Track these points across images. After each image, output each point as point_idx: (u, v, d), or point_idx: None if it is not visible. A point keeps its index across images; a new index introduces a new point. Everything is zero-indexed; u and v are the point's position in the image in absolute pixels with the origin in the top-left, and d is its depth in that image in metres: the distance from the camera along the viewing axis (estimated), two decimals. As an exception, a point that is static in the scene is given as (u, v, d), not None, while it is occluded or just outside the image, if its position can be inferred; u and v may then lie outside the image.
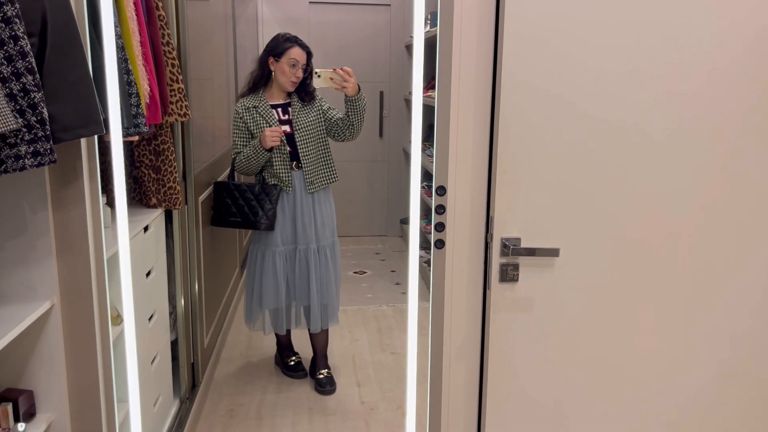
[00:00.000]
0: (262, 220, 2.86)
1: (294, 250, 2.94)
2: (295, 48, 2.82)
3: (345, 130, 2.85)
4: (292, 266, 2.95)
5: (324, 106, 2.92)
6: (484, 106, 1.60)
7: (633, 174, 1.61)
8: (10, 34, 1.17)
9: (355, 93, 2.73)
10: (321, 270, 2.95)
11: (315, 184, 2.89)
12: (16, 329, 1.35)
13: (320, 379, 3.09)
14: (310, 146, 2.87)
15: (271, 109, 2.86)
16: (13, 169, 1.19)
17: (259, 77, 2.90)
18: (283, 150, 2.84)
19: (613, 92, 1.56)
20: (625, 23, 1.53)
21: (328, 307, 3.03)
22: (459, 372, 1.73)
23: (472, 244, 1.66)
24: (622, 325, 1.68)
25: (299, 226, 2.91)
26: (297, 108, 2.87)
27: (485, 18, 1.56)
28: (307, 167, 2.87)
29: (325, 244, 2.96)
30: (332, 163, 2.96)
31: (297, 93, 2.89)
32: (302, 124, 2.85)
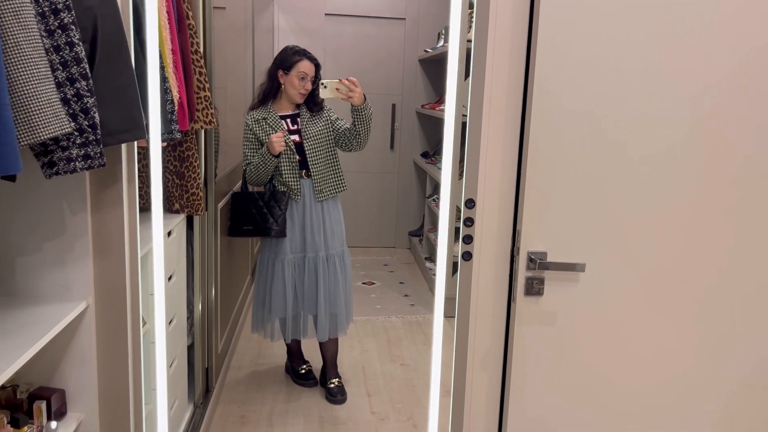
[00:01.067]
0: (273, 226, 2.89)
1: (303, 259, 2.96)
2: (304, 61, 2.87)
3: (352, 140, 2.89)
4: (301, 275, 2.97)
5: (332, 116, 2.97)
6: (514, 122, 1.63)
7: (661, 191, 1.64)
8: (66, 41, 1.21)
9: (361, 103, 2.76)
10: (330, 278, 2.97)
11: (324, 192, 2.93)
12: (54, 329, 1.37)
13: (331, 388, 3.11)
14: (319, 155, 2.90)
15: (280, 119, 2.90)
16: (65, 171, 1.22)
17: (268, 90, 2.94)
18: (292, 158, 2.88)
19: (642, 110, 1.59)
20: (658, 44, 1.56)
21: (337, 316, 3.03)
22: (481, 383, 1.75)
23: (498, 257, 1.68)
24: (646, 342, 1.71)
25: (308, 235, 2.94)
26: (306, 118, 2.91)
27: (518, 34, 1.59)
28: (316, 176, 2.90)
29: (334, 253, 2.98)
30: (341, 172, 2.99)
31: (306, 104, 2.93)
32: (311, 134, 2.89)
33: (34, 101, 1.10)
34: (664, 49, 1.57)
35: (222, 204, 3.05)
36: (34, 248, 1.50)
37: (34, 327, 1.36)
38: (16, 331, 1.34)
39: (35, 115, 1.11)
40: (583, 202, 1.63)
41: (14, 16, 1.08)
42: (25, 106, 1.09)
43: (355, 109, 2.79)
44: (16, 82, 1.08)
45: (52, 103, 1.14)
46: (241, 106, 3.92)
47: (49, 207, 1.49)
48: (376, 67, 5.62)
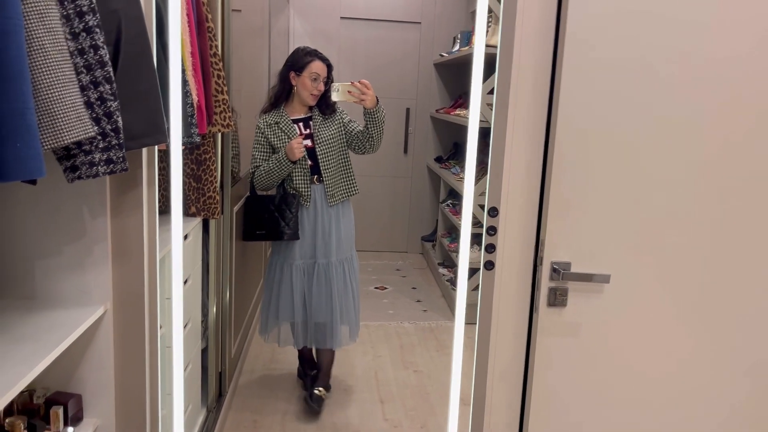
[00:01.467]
0: (285, 230, 2.85)
1: (313, 265, 2.91)
2: (316, 61, 2.82)
3: (365, 143, 2.84)
4: (310, 281, 2.92)
5: (345, 119, 2.91)
6: (539, 128, 1.61)
7: (688, 201, 1.60)
8: (91, 44, 1.19)
9: (374, 105, 2.71)
10: (339, 285, 2.92)
11: (336, 196, 2.88)
12: (72, 335, 1.36)
13: (314, 394, 3.01)
14: (331, 159, 2.86)
15: (293, 123, 2.86)
16: (87, 175, 1.21)
17: (280, 92, 2.90)
18: (303, 164, 2.84)
19: (671, 118, 1.56)
20: (689, 50, 1.53)
21: (347, 325, 2.98)
22: (501, 395, 1.73)
23: (521, 266, 1.66)
24: (671, 355, 1.67)
25: (319, 240, 2.89)
26: (318, 122, 2.86)
27: (544, 39, 1.57)
28: (328, 180, 2.86)
29: (342, 258, 2.93)
30: (353, 176, 2.95)
31: (318, 106, 2.88)
32: (323, 138, 2.85)
33: (59, 105, 1.09)
34: (696, 55, 1.54)
35: (237, 207, 3.03)
36: (54, 251, 1.49)
37: (52, 332, 1.35)
38: (35, 335, 1.33)
39: (59, 118, 1.09)
40: (609, 211, 1.60)
41: (40, 19, 1.07)
42: (49, 109, 1.08)
43: (367, 112, 2.74)
44: (41, 86, 1.07)
45: (76, 107, 1.13)
46: (256, 109, 3.91)
47: (69, 210, 1.48)
48: (391, 70, 5.60)
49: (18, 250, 1.49)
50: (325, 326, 2.94)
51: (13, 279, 1.51)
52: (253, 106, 3.76)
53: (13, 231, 1.49)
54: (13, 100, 0.98)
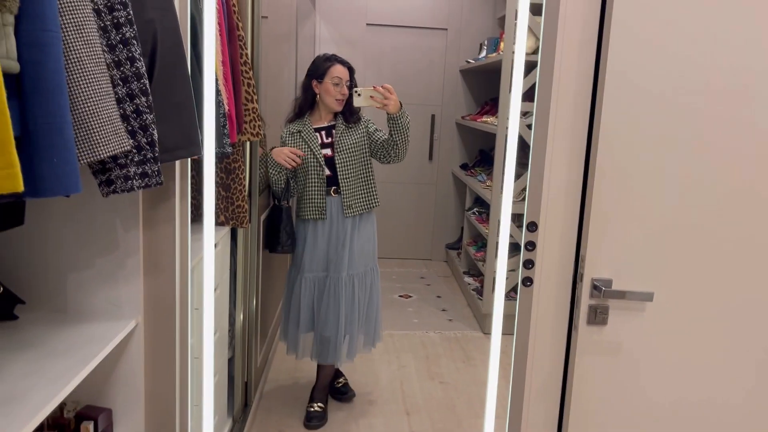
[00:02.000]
0: (277, 247, 2.85)
1: (324, 278, 2.85)
2: (337, 66, 2.77)
3: (390, 151, 2.76)
4: (320, 294, 2.86)
5: (371, 127, 2.85)
6: (580, 142, 1.56)
7: (733, 217, 1.54)
8: (128, 56, 1.17)
9: (397, 110, 2.63)
10: (347, 301, 2.84)
11: (353, 208, 2.80)
12: (104, 351, 1.34)
13: (311, 411, 2.96)
14: (350, 169, 2.79)
15: (315, 132, 2.81)
16: (122, 189, 1.19)
17: (303, 102, 2.86)
18: (320, 175, 2.78)
19: (717, 132, 1.51)
20: (737, 62, 1.48)
21: (348, 342, 2.91)
22: (538, 413, 1.68)
23: (560, 283, 1.61)
24: (715, 377, 1.61)
25: (332, 253, 2.82)
26: (341, 130, 2.80)
27: (586, 49, 1.52)
28: (345, 191, 2.78)
29: (354, 273, 2.84)
30: (374, 187, 2.86)
31: (342, 114, 2.82)
32: (344, 147, 2.78)
33: (95, 118, 1.07)
34: (743, 67, 1.48)
35: (264, 216, 3.02)
36: (87, 265, 1.48)
37: (84, 347, 1.33)
38: (67, 351, 1.31)
39: (95, 132, 1.07)
40: (652, 227, 1.55)
41: (77, 31, 1.05)
42: (85, 123, 1.06)
43: (391, 118, 2.67)
44: (78, 99, 1.05)
45: (113, 120, 1.11)
46: (282, 116, 3.89)
47: (102, 223, 1.46)
48: (417, 77, 5.57)
49: (51, 263, 1.48)
50: (329, 341, 2.88)
51: (46, 292, 1.49)
52: (279, 114, 3.75)
53: (46, 244, 1.47)
54: (51, 115, 0.97)
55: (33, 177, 0.97)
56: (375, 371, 3.54)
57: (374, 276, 2.95)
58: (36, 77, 0.95)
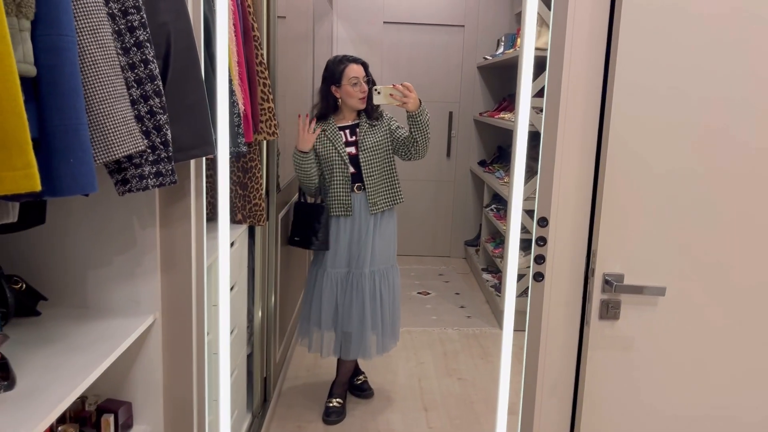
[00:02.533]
0: (313, 240, 2.86)
1: (347, 274, 2.89)
2: (351, 66, 2.79)
3: (410, 148, 2.80)
4: (342, 290, 2.89)
5: (393, 125, 2.88)
6: (590, 136, 1.56)
7: (746, 211, 1.53)
8: (141, 58, 1.21)
9: (416, 108, 2.66)
10: (369, 297, 2.87)
11: (378, 205, 2.84)
12: (122, 345, 1.38)
13: (330, 407, 3.00)
14: (374, 167, 2.83)
15: (339, 131, 2.84)
16: (137, 188, 1.22)
17: (325, 108, 2.87)
18: (345, 173, 2.82)
19: (728, 125, 1.50)
20: (748, 54, 1.47)
21: (373, 337, 2.93)
22: (551, 409, 1.68)
23: (571, 278, 1.61)
24: (729, 371, 1.60)
25: (354, 250, 2.86)
26: (364, 128, 2.84)
27: (596, 42, 1.52)
28: (370, 188, 2.82)
29: (375, 270, 2.88)
30: (398, 184, 2.90)
31: (365, 112, 2.85)
32: (368, 145, 2.82)
33: (110, 119, 1.10)
34: (758, 55, 1.47)
35: (282, 214, 3.05)
36: (105, 262, 1.52)
37: (103, 342, 1.37)
38: (90, 345, 1.35)
39: (110, 133, 1.11)
40: (663, 221, 1.54)
41: (92, 35, 1.09)
42: (100, 124, 1.10)
43: (410, 115, 2.70)
44: (93, 101, 1.08)
45: (127, 121, 1.14)
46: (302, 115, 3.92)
47: (120, 221, 1.50)
48: (434, 74, 5.57)
49: (71, 261, 1.53)
50: (351, 336, 2.91)
51: (67, 289, 1.54)
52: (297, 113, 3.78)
53: (66, 242, 1.52)
54: (67, 117, 1.00)
55: (50, 177, 1.00)
56: (393, 368, 3.56)
57: (395, 274, 2.99)
58: (52, 81, 0.99)
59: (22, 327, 1.43)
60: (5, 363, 1.15)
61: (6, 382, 1.14)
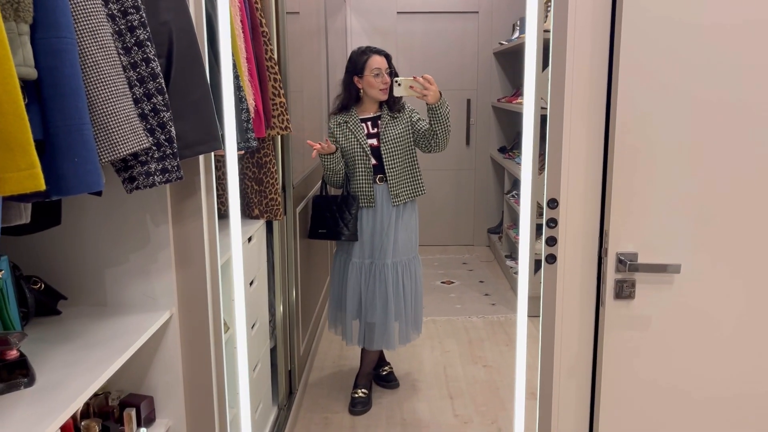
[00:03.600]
0: (344, 231, 2.88)
1: (370, 264, 2.92)
2: (374, 57, 2.82)
3: (431, 140, 2.81)
4: (366, 280, 2.93)
5: (414, 117, 2.90)
6: (598, 114, 1.54)
7: (760, 183, 1.50)
8: (143, 57, 1.23)
9: (436, 100, 2.67)
10: (392, 287, 2.90)
11: (400, 196, 2.87)
12: (139, 340, 1.40)
13: (355, 397, 3.03)
14: (396, 159, 2.85)
15: (361, 123, 2.87)
16: (144, 185, 1.24)
17: (347, 99, 2.90)
18: (367, 164, 2.84)
19: (740, 97, 1.47)
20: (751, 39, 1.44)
21: (395, 327, 2.96)
22: (569, 391, 1.67)
23: (584, 259, 1.60)
24: (747, 348, 1.58)
25: (377, 241, 2.89)
26: (386, 120, 2.86)
27: (600, 19, 1.50)
28: (392, 180, 2.84)
29: (398, 261, 2.90)
30: (419, 176, 2.92)
31: (386, 104, 2.87)
32: (389, 137, 2.84)
33: (113, 118, 1.13)
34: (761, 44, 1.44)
35: (300, 208, 3.08)
36: (121, 260, 1.55)
37: (122, 337, 1.40)
38: (108, 341, 1.39)
39: (114, 132, 1.13)
40: (676, 198, 1.52)
41: (92, 36, 1.11)
42: (104, 123, 1.12)
43: (430, 108, 2.71)
44: (96, 101, 1.11)
45: (131, 120, 1.16)
46: (317, 110, 3.95)
47: (134, 220, 1.53)
48: (450, 62, 5.54)
49: (88, 260, 1.56)
50: (374, 327, 2.94)
51: (85, 287, 1.57)
52: (314, 108, 3.80)
53: (82, 242, 1.55)
54: (69, 117, 1.02)
55: (56, 176, 1.03)
56: (418, 357, 3.57)
57: (417, 265, 3.01)
58: (53, 82, 1.01)
59: (43, 326, 1.47)
60: (24, 360, 1.18)
61: (26, 378, 1.18)
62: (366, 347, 3.03)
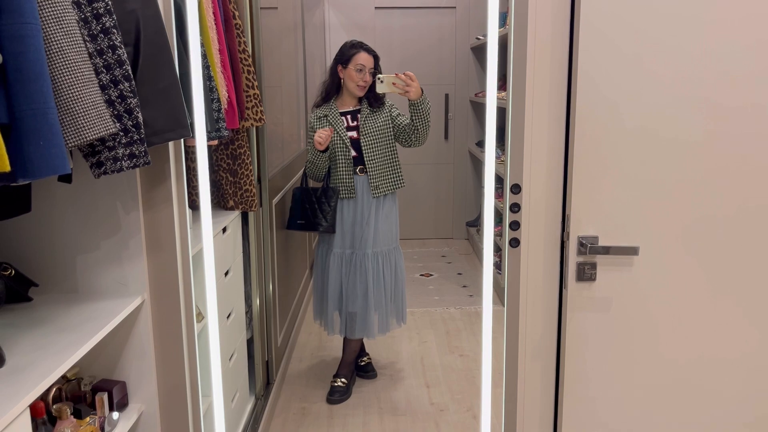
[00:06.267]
0: (321, 222, 2.92)
1: (351, 255, 2.97)
2: (361, 53, 2.87)
3: (411, 135, 2.87)
4: (347, 270, 2.97)
5: (394, 112, 2.96)
6: (559, 100, 1.59)
7: (716, 168, 1.56)
8: (109, 44, 1.25)
9: (418, 97, 2.74)
10: (372, 277, 2.95)
11: (380, 188, 2.92)
12: (112, 323, 1.43)
13: (335, 386, 3.07)
14: (375, 151, 2.90)
15: (341, 116, 2.92)
16: (112, 170, 1.26)
17: (330, 86, 2.97)
18: (347, 155, 2.89)
19: (695, 82, 1.52)
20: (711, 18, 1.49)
21: (376, 317, 3.00)
22: (534, 373, 1.72)
23: (547, 242, 1.64)
24: (705, 326, 1.63)
25: (357, 231, 2.94)
26: (365, 114, 2.91)
27: (560, 9, 1.54)
28: (372, 171, 2.90)
29: (378, 251, 2.95)
30: (399, 169, 2.98)
31: (367, 99, 2.93)
32: (369, 130, 2.89)
33: (79, 104, 1.15)
34: (717, 23, 1.49)
35: (277, 200, 3.10)
36: (93, 247, 1.57)
37: (93, 322, 1.42)
38: (78, 326, 1.41)
39: (80, 117, 1.15)
40: (634, 183, 1.57)
41: (57, 23, 1.13)
42: (70, 109, 1.14)
43: (412, 104, 2.77)
44: (61, 86, 1.13)
45: (97, 105, 1.18)
46: (295, 104, 3.97)
47: (104, 207, 1.55)
48: (428, 57, 5.58)
49: (59, 247, 1.58)
50: (355, 316, 2.99)
51: (57, 274, 1.59)
52: (292, 102, 3.82)
53: (54, 229, 1.57)
54: (34, 101, 1.04)
55: (23, 159, 1.05)
56: (396, 347, 3.61)
57: (398, 255, 3.06)
58: (18, 67, 1.03)
59: (14, 312, 1.48)
60: (-6, 342, 1.20)
61: (-5, 360, 1.20)
62: (347, 336, 3.08)
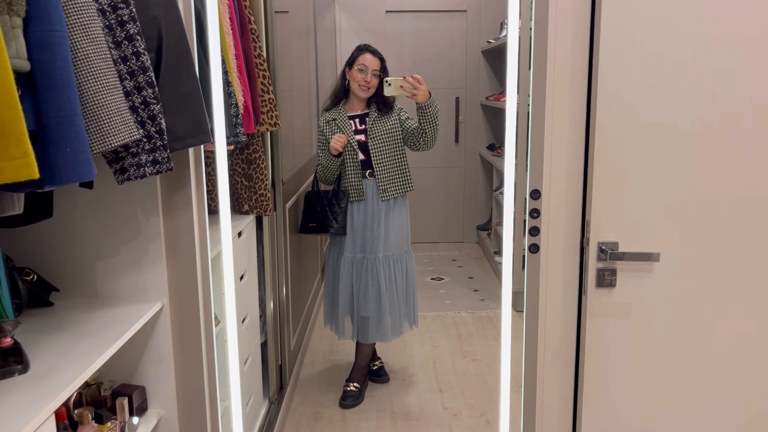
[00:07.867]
0: (332, 223, 2.92)
1: (362, 259, 2.96)
2: (365, 54, 2.88)
3: (419, 139, 2.87)
4: (358, 274, 2.97)
5: (403, 115, 2.96)
6: (579, 106, 1.58)
7: (738, 175, 1.55)
8: (133, 51, 1.25)
9: (426, 100, 2.72)
10: (384, 281, 2.95)
11: (388, 192, 2.91)
12: (131, 330, 1.43)
13: (346, 391, 3.06)
14: (384, 155, 2.90)
15: (349, 120, 2.92)
16: (135, 176, 1.27)
17: (339, 89, 2.99)
18: (355, 159, 2.89)
19: (718, 85, 1.51)
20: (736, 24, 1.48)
21: (389, 321, 3.00)
22: (553, 379, 1.71)
23: (567, 248, 1.64)
24: (726, 333, 1.62)
25: (368, 235, 2.94)
26: (373, 118, 2.91)
27: (580, 15, 1.54)
28: (380, 175, 2.89)
29: (390, 255, 2.95)
30: (408, 172, 2.97)
31: (375, 103, 2.93)
32: (377, 134, 2.89)
33: (104, 111, 1.15)
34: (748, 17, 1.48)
35: (290, 204, 3.10)
36: (112, 252, 1.58)
37: (113, 327, 1.43)
38: (99, 331, 1.41)
39: (105, 124, 1.15)
40: (655, 188, 1.56)
41: (83, 30, 1.13)
42: (96, 115, 1.14)
43: (420, 107, 2.76)
44: (87, 93, 1.13)
45: (121, 112, 1.19)
46: (307, 108, 3.98)
47: (124, 212, 1.55)
48: (439, 61, 5.58)
49: (80, 252, 1.58)
50: (368, 320, 2.98)
51: (77, 279, 1.60)
52: (304, 106, 3.83)
53: (74, 235, 1.58)
54: (61, 108, 1.05)
55: (49, 166, 1.05)
56: (408, 352, 3.61)
57: (409, 259, 3.05)
58: (46, 74, 1.04)
59: (36, 317, 1.49)
60: (18, 347, 1.21)
61: (20, 365, 1.20)
62: (360, 341, 3.07)
